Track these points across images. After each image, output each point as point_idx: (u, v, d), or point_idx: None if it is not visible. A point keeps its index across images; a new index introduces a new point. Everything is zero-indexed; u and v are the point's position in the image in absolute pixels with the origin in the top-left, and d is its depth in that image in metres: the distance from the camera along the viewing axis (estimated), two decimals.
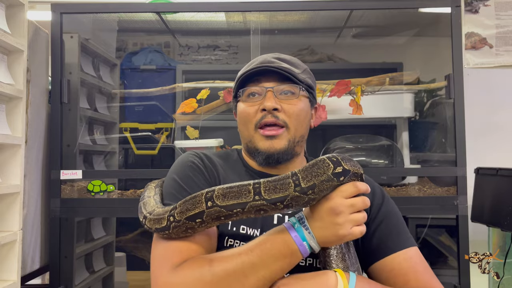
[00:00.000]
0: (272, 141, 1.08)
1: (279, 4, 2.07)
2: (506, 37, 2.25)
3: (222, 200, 0.87)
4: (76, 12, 2.00)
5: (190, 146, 2.02)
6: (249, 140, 1.12)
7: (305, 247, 0.87)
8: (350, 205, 0.86)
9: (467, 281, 1.80)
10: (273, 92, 1.09)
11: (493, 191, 1.91)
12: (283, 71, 1.09)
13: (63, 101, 1.86)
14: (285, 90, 1.11)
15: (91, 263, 2.25)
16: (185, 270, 0.88)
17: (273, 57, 1.15)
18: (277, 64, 1.12)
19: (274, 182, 0.86)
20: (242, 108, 1.13)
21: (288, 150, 1.10)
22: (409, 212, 2.17)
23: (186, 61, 3.03)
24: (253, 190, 0.86)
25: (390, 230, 1.08)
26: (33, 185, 1.81)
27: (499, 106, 2.42)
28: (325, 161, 0.86)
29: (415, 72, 2.20)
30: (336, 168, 0.85)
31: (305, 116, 1.13)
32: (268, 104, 1.07)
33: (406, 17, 2.39)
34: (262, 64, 1.11)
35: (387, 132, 2.38)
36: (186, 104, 1.95)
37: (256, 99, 1.11)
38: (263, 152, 1.09)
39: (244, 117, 1.12)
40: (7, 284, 1.47)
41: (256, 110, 1.10)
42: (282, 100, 1.10)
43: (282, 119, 1.09)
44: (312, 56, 2.77)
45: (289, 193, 0.85)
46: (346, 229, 0.86)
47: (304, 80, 1.13)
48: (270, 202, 0.86)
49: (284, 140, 1.09)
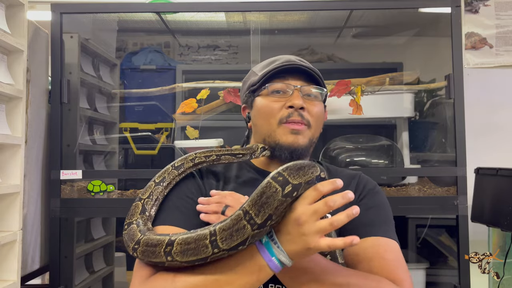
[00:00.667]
0: (297, 136, 1.09)
1: (279, 4, 2.07)
2: (506, 37, 2.25)
3: (182, 257, 0.84)
4: (76, 12, 2.00)
5: (190, 146, 2.02)
6: (268, 134, 1.12)
7: (275, 262, 0.83)
8: (312, 212, 0.79)
9: (467, 281, 1.80)
10: (300, 91, 1.11)
11: (493, 191, 1.91)
12: (313, 72, 1.12)
13: (63, 101, 1.86)
14: (312, 92, 1.13)
15: (91, 263, 2.25)
16: (151, 283, 0.89)
17: (296, 58, 1.16)
18: (304, 63, 1.14)
19: (229, 230, 0.81)
20: (264, 103, 1.13)
21: (307, 148, 1.12)
22: (409, 212, 2.17)
23: (186, 61, 3.03)
24: (210, 244, 0.82)
25: (364, 221, 1.05)
26: (33, 185, 1.81)
27: (499, 106, 2.42)
28: (271, 185, 0.79)
29: (415, 72, 2.20)
30: (285, 188, 0.79)
31: (322, 119, 1.16)
32: (297, 102, 1.09)
33: (406, 17, 2.39)
34: (291, 63, 1.12)
35: (387, 132, 2.38)
36: (186, 104, 1.95)
37: (282, 96, 1.11)
38: (287, 146, 1.09)
39: (267, 111, 1.12)
40: (7, 284, 1.47)
41: (281, 106, 1.10)
42: (306, 101, 1.11)
43: (307, 119, 1.10)
44: (312, 56, 2.77)
45: (248, 234, 0.80)
46: (313, 240, 0.79)
47: (325, 85, 1.16)
48: (231, 249, 0.82)
49: (306, 138, 1.10)
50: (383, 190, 1.85)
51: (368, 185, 1.15)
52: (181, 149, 2.08)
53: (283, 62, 1.14)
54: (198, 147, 1.99)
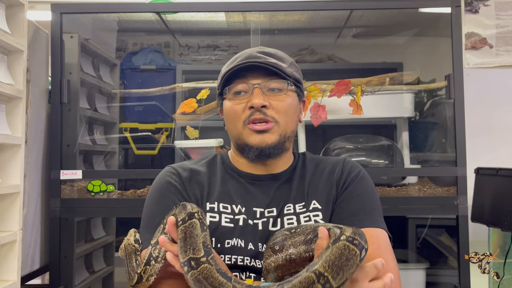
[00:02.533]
0: (263, 136, 1.06)
1: (279, 4, 2.07)
2: (506, 37, 2.25)
3: None
4: (76, 12, 2.00)
5: (190, 146, 2.02)
6: (238, 137, 1.10)
7: None
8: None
9: (467, 281, 1.80)
10: (260, 88, 1.07)
11: (493, 191, 1.91)
12: (270, 66, 1.06)
13: (63, 101, 1.86)
14: (273, 86, 1.08)
15: (91, 263, 2.25)
16: None
17: (258, 52, 1.11)
18: (263, 59, 1.09)
19: None
20: (229, 106, 1.10)
21: (279, 145, 1.08)
22: (409, 212, 2.17)
23: (186, 61, 3.02)
24: None
25: (350, 211, 1.05)
26: (33, 185, 1.81)
27: (499, 106, 2.42)
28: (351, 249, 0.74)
29: (415, 72, 2.19)
30: (361, 253, 0.75)
31: (294, 111, 1.11)
32: (256, 101, 1.05)
33: (406, 17, 2.39)
34: (247, 60, 1.08)
35: (387, 132, 2.39)
36: (186, 104, 1.95)
37: (243, 97, 1.08)
38: (255, 147, 1.06)
39: (231, 115, 1.09)
40: (7, 284, 1.47)
41: (244, 107, 1.07)
42: (270, 97, 1.07)
43: (271, 115, 1.06)
44: (312, 56, 2.77)
45: None
46: None
47: (291, 74, 1.10)
48: None
49: (275, 134, 1.07)
50: (384, 190, 1.85)
51: (352, 172, 1.13)
52: (181, 149, 2.08)
53: (242, 59, 1.09)
54: (198, 147, 2.00)
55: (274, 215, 1.08)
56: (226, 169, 1.16)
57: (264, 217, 1.08)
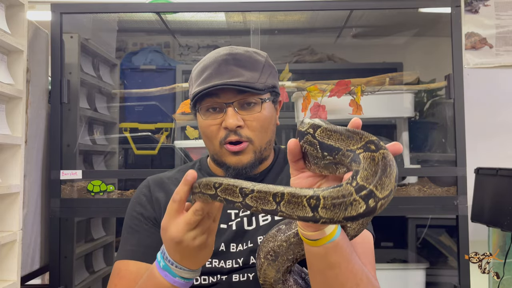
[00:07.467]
0: (239, 157, 1.06)
1: (279, 4, 2.07)
2: (506, 37, 2.25)
3: None
4: (76, 12, 2.00)
5: (190, 146, 2.02)
6: (215, 153, 1.09)
7: (180, 281, 0.85)
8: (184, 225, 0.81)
9: (467, 281, 1.80)
10: (233, 107, 1.04)
11: (493, 191, 1.91)
12: (242, 87, 1.02)
13: (63, 101, 1.86)
14: (248, 102, 1.05)
15: (91, 263, 2.25)
16: None
17: (226, 57, 1.05)
18: (234, 72, 1.04)
19: None
20: (204, 124, 1.08)
21: (255, 162, 1.08)
22: (409, 212, 2.17)
23: (186, 61, 3.02)
24: None
25: None
26: (33, 185, 1.81)
27: (499, 106, 2.42)
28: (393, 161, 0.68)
29: (415, 72, 2.20)
30: None
31: (269, 122, 1.09)
32: (230, 122, 1.03)
33: (406, 17, 2.39)
34: (216, 83, 1.02)
35: (387, 132, 2.38)
36: (186, 104, 1.95)
37: (217, 115, 1.06)
38: (232, 167, 1.06)
39: (207, 133, 1.08)
40: (7, 284, 1.47)
41: (218, 127, 1.06)
42: (244, 115, 1.05)
43: (245, 136, 1.05)
44: (312, 56, 2.77)
45: None
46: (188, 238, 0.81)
47: (264, 85, 1.06)
48: None
49: (249, 154, 1.06)
50: None
51: None
52: (181, 149, 2.08)
53: (212, 73, 1.04)
54: (198, 147, 2.00)
55: (248, 213, 1.10)
56: (203, 175, 1.15)
57: (239, 217, 1.10)
